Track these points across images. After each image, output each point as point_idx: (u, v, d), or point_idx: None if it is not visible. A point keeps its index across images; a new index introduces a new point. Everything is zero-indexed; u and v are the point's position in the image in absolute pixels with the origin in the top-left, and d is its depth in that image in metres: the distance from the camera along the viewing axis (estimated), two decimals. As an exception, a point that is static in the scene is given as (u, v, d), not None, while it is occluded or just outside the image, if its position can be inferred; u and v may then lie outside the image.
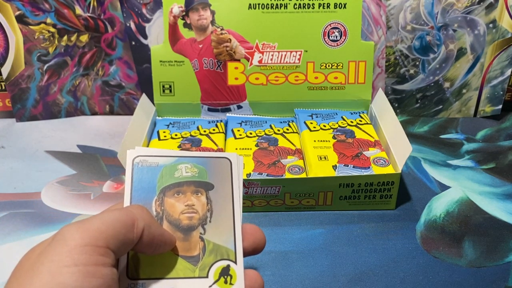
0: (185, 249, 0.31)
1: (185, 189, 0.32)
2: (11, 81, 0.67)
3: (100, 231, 0.26)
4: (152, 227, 0.28)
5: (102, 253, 0.25)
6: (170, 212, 0.31)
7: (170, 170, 0.33)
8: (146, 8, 0.65)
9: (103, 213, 0.28)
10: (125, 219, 0.27)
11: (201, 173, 0.33)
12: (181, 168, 0.33)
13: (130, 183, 0.32)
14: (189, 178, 0.33)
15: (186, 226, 0.31)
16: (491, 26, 0.65)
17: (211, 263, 0.30)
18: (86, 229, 0.26)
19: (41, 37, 0.65)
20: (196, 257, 0.31)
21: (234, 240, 0.31)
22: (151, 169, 0.32)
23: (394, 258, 0.46)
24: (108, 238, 0.26)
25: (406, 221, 0.51)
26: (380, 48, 0.67)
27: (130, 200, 0.31)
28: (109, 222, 0.26)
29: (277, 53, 0.61)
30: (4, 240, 0.48)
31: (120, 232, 0.27)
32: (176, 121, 0.62)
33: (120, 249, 0.27)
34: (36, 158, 0.61)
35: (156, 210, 0.31)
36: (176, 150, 0.36)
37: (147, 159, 0.33)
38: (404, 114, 0.71)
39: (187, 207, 0.32)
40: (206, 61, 0.62)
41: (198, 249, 0.31)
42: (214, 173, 0.33)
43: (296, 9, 0.60)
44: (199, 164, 0.33)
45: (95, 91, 0.70)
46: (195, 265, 0.30)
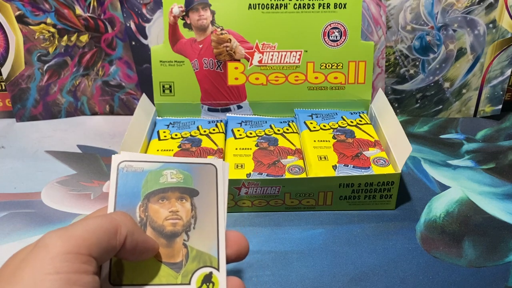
0: (168, 255, 0.31)
1: (169, 195, 0.32)
2: (11, 81, 0.67)
3: (83, 238, 0.26)
4: (135, 234, 0.28)
5: (84, 260, 0.25)
6: (154, 218, 0.31)
7: (155, 176, 0.33)
8: (146, 8, 0.65)
9: (86, 219, 0.28)
10: (108, 226, 0.27)
11: (186, 179, 0.33)
12: (166, 174, 0.33)
13: (114, 188, 0.32)
14: (174, 184, 0.33)
15: (170, 232, 0.31)
16: (491, 26, 0.65)
17: (194, 270, 0.30)
18: (68, 236, 0.26)
19: (41, 37, 0.65)
20: (179, 264, 0.31)
21: (218, 247, 0.31)
22: (136, 174, 0.32)
23: (394, 258, 0.46)
24: (91, 246, 0.26)
25: (406, 221, 0.51)
26: (380, 48, 0.67)
27: (114, 205, 0.31)
28: (92, 229, 0.26)
29: (277, 53, 0.61)
30: (4, 240, 0.48)
31: (103, 240, 0.26)
32: (176, 121, 0.62)
33: (103, 256, 0.27)
34: (36, 158, 0.61)
35: (140, 216, 0.31)
36: (161, 155, 0.36)
37: (132, 164, 0.33)
38: (404, 114, 0.71)
39: (171, 213, 0.32)
40: (206, 61, 0.62)
41: (181, 255, 0.31)
42: (199, 180, 0.33)
43: (296, 9, 0.60)
44: (184, 170, 0.33)
45: (95, 91, 0.70)
46: (178, 272, 0.30)
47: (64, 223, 0.50)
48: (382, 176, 0.50)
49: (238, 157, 0.54)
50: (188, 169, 0.33)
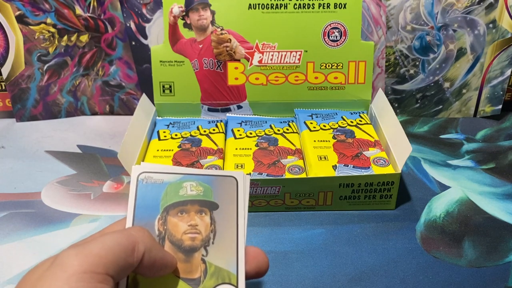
0: (186, 271, 0.30)
1: (189, 208, 0.31)
2: (11, 81, 0.67)
3: (100, 256, 0.25)
4: (153, 251, 0.28)
5: (100, 280, 0.25)
6: (172, 232, 0.31)
7: (175, 188, 0.32)
8: (146, 8, 0.65)
9: (103, 235, 0.27)
10: (125, 243, 0.27)
11: (206, 192, 0.32)
12: (186, 186, 0.32)
13: (133, 200, 0.31)
14: (194, 197, 0.32)
15: (189, 247, 0.30)
16: (491, 26, 0.65)
17: (212, 287, 0.30)
18: (85, 255, 0.25)
19: (41, 37, 0.65)
20: (197, 280, 0.30)
21: (237, 263, 0.31)
22: (155, 186, 0.32)
23: (394, 258, 0.46)
24: (108, 264, 0.25)
25: (406, 221, 0.51)
26: (380, 48, 0.67)
27: (133, 217, 0.31)
28: (109, 246, 0.26)
29: (277, 53, 0.61)
30: (4, 240, 0.48)
31: (120, 257, 0.26)
32: (176, 121, 0.62)
33: (120, 274, 0.26)
34: (36, 158, 0.61)
35: (158, 229, 0.30)
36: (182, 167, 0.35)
37: (152, 176, 0.32)
38: (404, 114, 0.71)
39: (190, 227, 0.31)
40: (206, 61, 0.62)
41: (200, 271, 0.30)
42: (219, 192, 0.32)
43: (296, 9, 0.60)
44: (204, 182, 0.32)
45: (95, 91, 0.70)
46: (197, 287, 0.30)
47: (64, 223, 0.50)
48: (382, 176, 0.50)
49: (238, 157, 0.54)
50: (208, 181, 0.32)
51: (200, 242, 0.31)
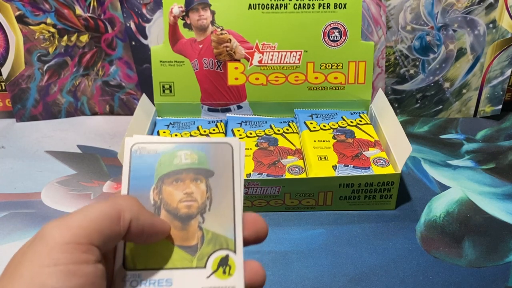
0: (183, 238, 0.30)
1: (184, 177, 0.31)
2: (11, 81, 0.67)
3: (82, 227, 0.25)
4: (141, 218, 0.28)
5: (84, 250, 0.25)
6: (168, 201, 0.31)
7: (169, 158, 0.32)
8: (146, 8, 0.65)
9: (88, 206, 0.27)
10: (109, 211, 0.26)
11: (200, 160, 0.32)
12: (180, 155, 0.32)
13: (128, 172, 0.31)
14: (188, 165, 0.32)
15: (185, 215, 0.30)
16: (491, 26, 0.65)
17: (210, 253, 0.30)
18: (67, 226, 0.25)
19: (41, 37, 0.65)
20: (194, 247, 0.30)
21: (234, 229, 0.31)
22: (149, 156, 0.32)
23: (394, 258, 0.46)
24: (91, 234, 0.25)
25: (406, 221, 0.51)
26: (380, 48, 0.67)
27: (128, 188, 0.31)
28: (92, 216, 0.26)
29: (277, 53, 0.61)
30: (4, 240, 0.48)
31: (104, 226, 0.26)
32: (176, 121, 0.62)
33: (106, 243, 0.26)
34: (36, 158, 0.61)
35: (154, 199, 0.31)
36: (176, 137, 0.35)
37: (145, 146, 0.32)
38: (404, 114, 0.71)
39: (185, 195, 0.31)
40: (206, 61, 0.62)
41: (197, 238, 0.30)
42: (214, 160, 0.32)
43: (296, 9, 0.60)
44: (199, 150, 0.32)
45: (95, 91, 0.70)
46: (193, 255, 0.30)
47: (64, 223, 0.50)
48: (382, 176, 0.50)
49: (238, 157, 0.54)
50: (203, 149, 0.32)
51: (196, 209, 0.31)
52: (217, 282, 0.29)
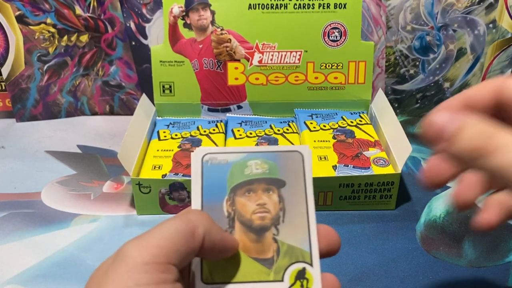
0: (259, 251, 0.29)
1: (256, 187, 0.30)
2: (11, 81, 0.67)
3: (160, 246, 0.25)
4: (213, 233, 0.27)
5: (163, 270, 0.25)
6: (241, 212, 0.30)
7: (239, 167, 0.31)
8: (146, 8, 0.65)
9: (161, 224, 0.27)
10: (184, 228, 0.26)
11: (271, 169, 0.31)
12: (250, 165, 0.31)
13: (200, 183, 0.30)
14: (260, 175, 0.31)
15: (259, 226, 0.30)
16: (491, 26, 0.65)
17: (286, 266, 0.29)
18: (145, 246, 0.25)
19: (41, 37, 0.65)
20: (270, 260, 0.29)
21: (309, 241, 0.30)
22: (220, 167, 0.31)
23: (394, 258, 0.46)
24: (169, 253, 0.25)
25: (406, 221, 0.51)
26: (380, 48, 0.67)
27: (202, 200, 0.30)
28: (169, 235, 0.25)
29: (277, 53, 0.61)
30: (4, 240, 0.48)
31: (180, 244, 0.26)
32: (176, 121, 0.62)
33: (182, 261, 0.26)
34: (36, 158, 0.61)
35: (227, 211, 0.30)
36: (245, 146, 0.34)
37: (216, 157, 0.31)
38: (404, 114, 0.71)
39: (258, 207, 0.30)
40: (206, 61, 0.62)
41: (272, 251, 0.29)
42: (285, 169, 0.31)
43: (296, 9, 0.60)
44: (269, 159, 0.31)
45: (95, 91, 0.70)
46: (270, 268, 0.29)
47: (64, 223, 0.50)
48: (382, 176, 0.50)
49: (238, 157, 0.54)
50: (273, 158, 0.31)
51: (270, 221, 0.30)
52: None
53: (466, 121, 0.25)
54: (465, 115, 0.25)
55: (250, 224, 0.30)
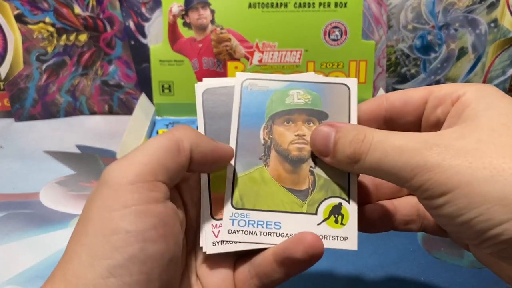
0: (294, 182, 0.28)
1: (296, 118, 0.29)
2: (9, 81, 0.66)
3: (145, 163, 0.24)
4: (201, 145, 0.26)
5: (151, 188, 0.23)
6: (279, 141, 0.29)
7: (280, 96, 0.30)
8: (146, 7, 0.65)
9: (145, 144, 0.25)
10: (168, 143, 0.25)
11: (314, 101, 0.30)
12: (292, 94, 0.30)
13: (238, 108, 0.30)
14: (301, 105, 0.30)
15: (296, 157, 0.29)
16: (493, 26, 0.65)
17: (321, 200, 0.28)
18: (128, 165, 0.24)
19: (40, 36, 0.65)
20: (304, 192, 0.28)
21: (348, 177, 0.28)
22: (260, 93, 0.30)
23: (395, 259, 0.46)
24: (155, 169, 0.24)
25: (407, 221, 0.50)
26: (381, 48, 0.67)
27: (238, 126, 0.29)
28: (152, 151, 0.24)
29: (277, 53, 0.61)
30: (3, 240, 0.47)
31: (166, 160, 0.24)
32: (176, 121, 0.62)
33: (172, 178, 0.25)
34: (35, 158, 0.61)
35: (264, 139, 0.29)
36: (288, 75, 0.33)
37: (256, 83, 0.30)
38: (404, 114, 0.71)
39: (297, 137, 0.29)
40: (205, 61, 0.62)
41: (308, 183, 0.28)
42: (329, 101, 0.30)
43: (296, 8, 0.60)
44: (313, 90, 0.30)
45: (94, 90, 0.70)
46: (304, 200, 0.28)
47: (63, 224, 0.50)
48: (383, 176, 0.50)
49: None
50: (317, 89, 0.30)
51: (307, 153, 0.29)
52: (328, 230, 0.28)
53: (340, 133, 0.26)
54: (340, 124, 0.27)
55: (286, 154, 0.29)
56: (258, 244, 0.27)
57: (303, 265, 0.27)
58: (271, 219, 0.28)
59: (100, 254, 0.22)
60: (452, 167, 0.22)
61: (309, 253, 0.26)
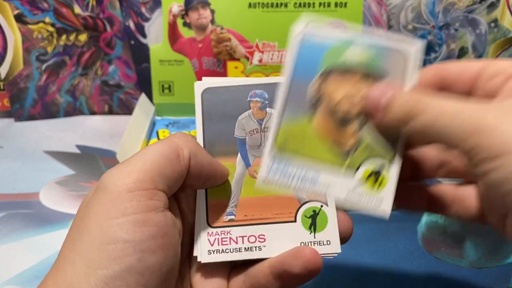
0: (338, 140, 0.28)
1: (350, 75, 0.29)
2: (9, 81, 0.66)
3: (144, 171, 0.23)
4: (199, 155, 0.26)
5: (150, 196, 0.23)
6: (329, 96, 0.28)
7: (338, 51, 0.29)
8: (146, 7, 0.65)
9: (144, 150, 0.25)
10: (168, 151, 0.24)
11: (371, 61, 0.29)
12: (350, 52, 0.29)
13: (293, 58, 0.29)
14: (357, 64, 0.29)
15: (344, 115, 0.28)
16: (493, 25, 0.65)
17: (362, 162, 0.28)
18: (128, 172, 0.23)
19: (39, 36, 0.65)
20: (347, 151, 0.28)
21: (392, 143, 0.28)
22: (317, 46, 0.29)
23: (395, 259, 0.46)
24: (155, 177, 0.23)
25: (407, 222, 0.50)
26: (380, 48, 0.66)
27: (291, 75, 0.29)
28: (152, 158, 0.24)
29: (277, 53, 0.61)
30: (3, 240, 0.47)
31: (166, 167, 0.24)
32: (176, 121, 0.62)
33: (170, 186, 0.24)
34: (35, 158, 0.61)
35: (315, 91, 0.29)
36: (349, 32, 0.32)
37: (314, 34, 0.30)
38: (404, 114, 0.71)
39: (348, 95, 0.28)
40: (205, 61, 0.61)
41: (351, 143, 0.28)
42: (386, 65, 0.29)
43: (296, 8, 0.60)
44: (372, 51, 0.29)
45: (94, 90, 0.70)
46: (345, 159, 0.28)
47: (63, 224, 0.50)
48: (383, 176, 0.49)
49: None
50: (377, 50, 0.29)
51: (356, 113, 0.28)
52: (364, 193, 0.28)
53: (396, 92, 0.26)
54: (397, 87, 0.27)
55: (335, 110, 0.28)
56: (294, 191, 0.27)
57: (301, 280, 0.26)
58: (310, 171, 0.27)
59: (96, 264, 0.21)
60: (507, 131, 0.22)
61: (307, 268, 0.26)
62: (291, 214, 0.28)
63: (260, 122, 0.30)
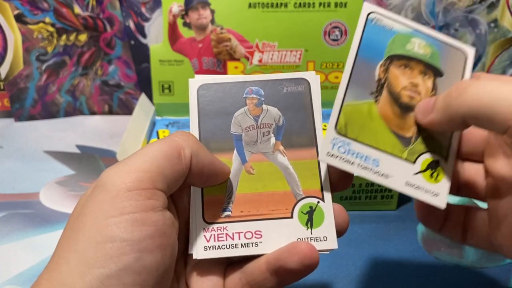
0: (399, 126, 0.29)
1: (413, 66, 0.30)
2: (9, 81, 0.66)
3: (144, 170, 0.23)
4: (200, 154, 0.25)
5: (149, 196, 0.23)
6: (393, 83, 0.29)
7: (403, 40, 0.30)
8: (146, 7, 0.65)
9: (145, 148, 0.24)
10: (169, 150, 0.24)
11: (433, 56, 0.30)
12: (414, 42, 0.30)
13: (359, 38, 0.30)
14: (420, 56, 0.30)
15: (405, 104, 0.29)
16: (493, 26, 0.65)
17: (422, 152, 0.28)
18: (127, 171, 0.23)
19: (39, 36, 0.65)
20: (408, 139, 0.28)
21: (450, 139, 0.29)
22: (384, 30, 0.30)
23: (395, 259, 0.46)
24: (154, 177, 0.23)
25: (407, 221, 0.50)
26: (380, 48, 0.66)
27: (356, 55, 0.30)
28: (153, 157, 0.23)
29: (277, 53, 0.61)
30: (3, 240, 0.47)
31: (166, 167, 0.23)
32: (176, 121, 0.62)
33: (170, 186, 0.24)
34: (35, 158, 0.61)
35: (379, 75, 0.29)
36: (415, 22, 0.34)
37: (382, 19, 0.31)
38: (404, 114, 0.70)
39: (411, 85, 0.29)
40: (205, 61, 0.61)
41: (412, 132, 0.29)
42: (446, 61, 0.30)
43: (296, 8, 0.60)
44: (434, 45, 0.31)
45: (94, 90, 0.70)
46: (405, 147, 0.28)
47: (63, 224, 0.50)
48: (383, 176, 0.50)
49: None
50: (438, 45, 0.31)
51: (417, 103, 0.29)
52: (422, 182, 0.28)
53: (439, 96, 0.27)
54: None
55: (398, 97, 0.29)
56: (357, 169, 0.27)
57: (297, 275, 0.26)
58: (371, 155, 0.28)
59: (92, 262, 0.21)
60: None
61: (304, 264, 0.26)
62: (287, 210, 0.28)
63: (256, 118, 0.30)
